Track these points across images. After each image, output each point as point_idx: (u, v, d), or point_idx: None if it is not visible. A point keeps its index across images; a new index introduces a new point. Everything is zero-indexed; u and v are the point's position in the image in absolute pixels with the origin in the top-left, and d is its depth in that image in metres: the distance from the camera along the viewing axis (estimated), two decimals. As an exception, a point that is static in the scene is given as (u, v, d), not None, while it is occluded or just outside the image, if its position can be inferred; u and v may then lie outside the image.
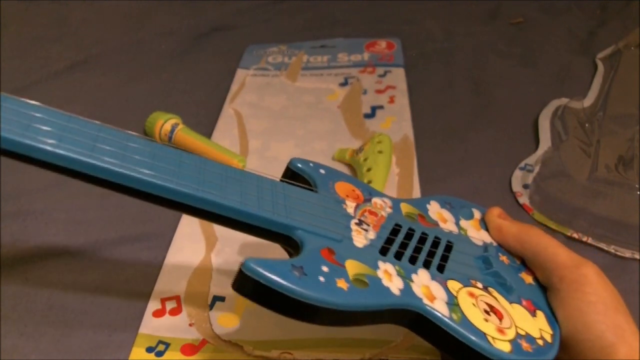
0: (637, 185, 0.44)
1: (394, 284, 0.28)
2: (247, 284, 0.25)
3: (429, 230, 0.33)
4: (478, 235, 0.34)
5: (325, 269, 0.26)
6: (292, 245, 0.29)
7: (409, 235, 0.32)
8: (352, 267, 0.27)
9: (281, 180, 0.33)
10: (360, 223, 0.31)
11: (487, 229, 0.35)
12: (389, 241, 0.31)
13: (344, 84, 0.66)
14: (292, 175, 0.34)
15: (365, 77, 0.66)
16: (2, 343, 0.39)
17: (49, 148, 0.26)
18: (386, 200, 0.34)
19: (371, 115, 0.60)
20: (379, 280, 0.28)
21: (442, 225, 0.34)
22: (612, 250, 0.44)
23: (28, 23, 0.88)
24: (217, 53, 0.76)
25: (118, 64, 0.75)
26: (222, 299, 0.41)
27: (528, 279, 0.32)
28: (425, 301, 0.28)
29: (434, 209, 0.35)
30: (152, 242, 0.47)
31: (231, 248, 0.45)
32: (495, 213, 0.35)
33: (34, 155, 0.26)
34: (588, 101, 0.57)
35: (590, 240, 0.44)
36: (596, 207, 0.44)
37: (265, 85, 0.67)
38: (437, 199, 0.36)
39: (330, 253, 0.28)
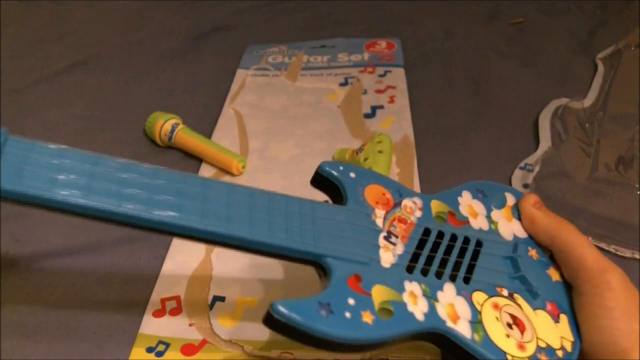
0: (637, 185, 0.44)
1: (419, 308, 0.28)
2: (276, 324, 0.26)
3: (459, 230, 0.33)
4: (509, 228, 0.34)
5: (351, 301, 0.27)
6: (321, 269, 0.29)
7: (437, 245, 0.32)
8: (379, 294, 0.28)
9: (311, 184, 0.33)
10: (388, 236, 0.31)
11: (519, 217, 0.35)
12: (416, 255, 0.31)
13: (344, 84, 0.66)
14: (322, 180, 0.33)
15: (365, 77, 0.66)
16: (2, 343, 0.39)
17: (79, 201, 0.27)
18: (416, 200, 0.33)
19: (371, 115, 0.60)
20: (404, 305, 0.28)
21: (472, 221, 0.34)
22: (613, 250, 0.44)
23: (28, 23, 0.88)
24: (217, 53, 0.76)
25: (118, 64, 0.75)
26: (222, 299, 0.41)
27: (555, 275, 0.32)
28: (449, 323, 0.28)
29: (466, 202, 0.34)
30: (153, 242, 0.47)
31: (231, 248, 0.45)
32: (530, 202, 0.34)
33: (63, 208, 0.28)
34: (588, 101, 0.57)
35: (590, 240, 0.44)
36: (596, 207, 0.44)
37: (265, 85, 0.67)
38: (469, 187, 0.35)
39: (357, 280, 0.28)
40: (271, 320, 0.26)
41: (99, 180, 0.28)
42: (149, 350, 0.37)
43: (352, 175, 0.33)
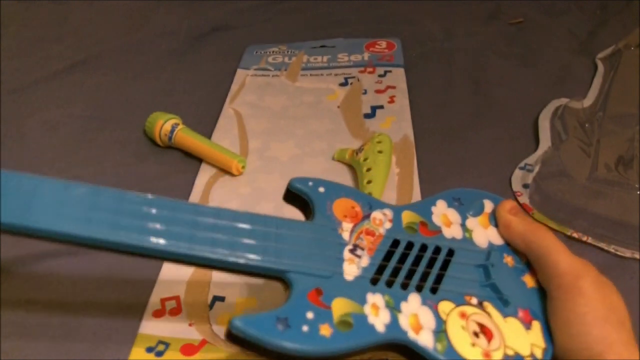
0: (637, 185, 0.44)
1: (380, 319, 0.29)
2: (237, 339, 0.27)
3: (430, 240, 0.33)
4: (484, 235, 0.34)
5: (310, 315, 0.28)
6: (285, 283, 0.30)
7: (405, 256, 0.32)
8: (339, 307, 0.28)
9: (283, 200, 0.34)
10: (354, 249, 0.31)
11: (496, 224, 0.35)
12: (382, 267, 0.31)
13: (344, 84, 0.66)
14: (293, 196, 0.34)
15: (365, 77, 0.66)
16: (2, 343, 0.39)
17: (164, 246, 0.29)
18: (387, 212, 0.34)
19: (371, 115, 0.60)
20: (365, 317, 0.28)
21: (445, 230, 0.34)
22: (612, 250, 0.44)
23: (28, 23, 0.88)
24: (217, 53, 0.76)
25: (118, 64, 0.75)
26: (222, 299, 0.41)
27: (531, 282, 0.32)
28: (411, 334, 0.28)
29: (440, 211, 0.35)
30: (152, 242, 0.47)
31: (231, 248, 0.45)
32: (506, 207, 0.34)
33: (161, 256, 0.30)
34: (588, 101, 0.57)
35: (590, 240, 0.44)
36: (596, 207, 0.44)
37: (265, 85, 0.67)
38: (445, 196, 0.36)
39: (317, 294, 0.29)
40: (231, 336, 0.27)
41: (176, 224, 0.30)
42: (149, 350, 0.37)
43: (321, 190, 0.34)
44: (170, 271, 0.43)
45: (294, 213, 0.48)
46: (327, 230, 0.32)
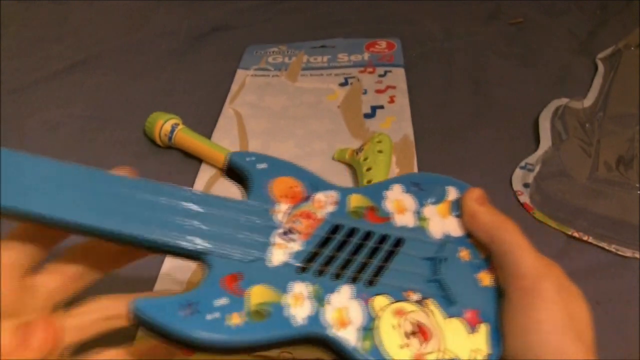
0: (637, 185, 0.44)
1: (302, 311, 0.26)
2: (140, 322, 0.25)
3: (376, 227, 0.30)
4: (440, 226, 0.31)
5: (221, 301, 0.25)
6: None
7: (344, 242, 0.29)
8: (256, 295, 0.26)
9: (225, 176, 0.32)
10: (286, 233, 0.29)
11: (458, 214, 0.32)
12: (315, 254, 0.29)
13: (344, 84, 0.66)
14: (233, 172, 0.32)
15: (366, 77, 0.66)
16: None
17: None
18: (332, 193, 0.31)
19: (371, 115, 0.60)
20: (283, 308, 0.26)
21: (396, 218, 0.31)
22: (613, 250, 0.44)
23: (28, 23, 0.87)
24: (217, 53, 0.76)
25: (118, 64, 0.75)
26: (222, 298, 0.41)
27: (486, 280, 0.29)
28: (333, 329, 0.26)
29: (394, 196, 0.32)
30: (152, 242, 0.47)
31: (231, 248, 0.45)
32: (473, 196, 0.31)
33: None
34: (588, 101, 0.57)
35: (590, 240, 0.44)
36: (597, 207, 0.44)
37: (265, 85, 0.67)
38: (403, 180, 0.33)
39: (234, 280, 0.26)
40: (134, 318, 0.25)
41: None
42: (149, 350, 0.37)
43: (262, 166, 0.32)
44: (170, 271, 0.43)
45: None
46: (259, 210, 0.29)
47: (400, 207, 0.31)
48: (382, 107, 0.61)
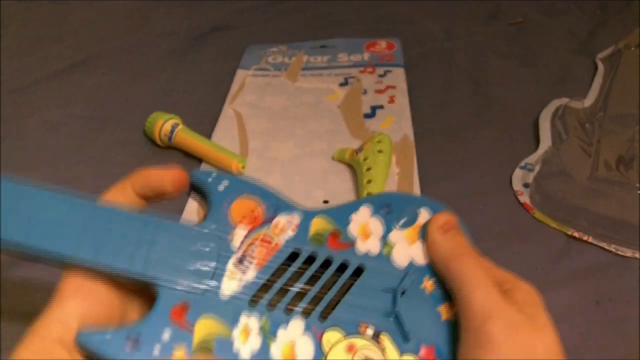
0: (637, 185, 0.44)
1: (248, 346, 0.25)
2: (88, 353, 0.24)
3: (337, 254, 0.29)
4: (406, 253, 0.29)
5: (167, 335, 0.25)
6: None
7: (301, 271, 0.28)
8: (203, 328, 0.25)
9: (188, 194, 0.31)
10: (241, 260, 0.28)
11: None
12: (269, 284, 0.27)
13: (344, 84, 0.66)
14: (195, 189, 0.30)
15: (365, 77, 0.66)
16: (3, 344, 0.39)
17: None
18: (294, 217, 0.30)
19: (371, 115, 0.60)
20: (230, 343, 0.25)
21: (359, 244, 0.29)
22: (613, 250, 0.44)
23: (28, 23, 0.87)
24: (217, 53, 0.76)
25: (118, 64, 0.75)
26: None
27: (447, 313, 0.28)
28: None
29: (360, 219, 0.30)
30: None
31: (231, 248, 0.45)
32: (438, 222, 0.29)
33: None
34: (588, 101, 0.57)
35: (591, 240, 0.44)
36: (597, 207, 0.44)
37: (265, 85, 0.67)
38: (373, 200, 0.31)
39: (182, 311, 0.26)
40: (81, 348, 0.24)
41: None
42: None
43: (223, 185, 0.30)
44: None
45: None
46: (214, 235, 0.28)
47: (366, 232, 0.30)
48: (382, 107, 0.61)
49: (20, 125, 0.63)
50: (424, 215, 0.30)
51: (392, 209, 0.30)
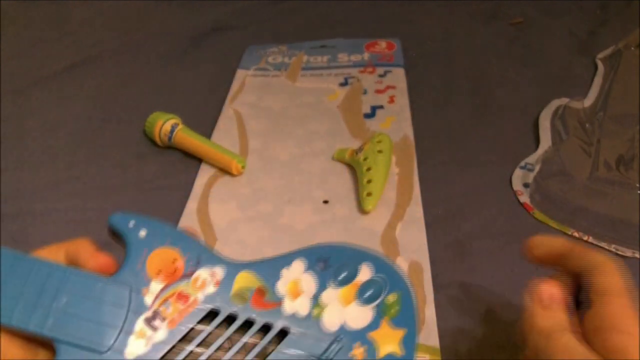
0: (637, 185, 0.44)
1: None
2: None
3: (260, 315, 0.26)
4: (338, 315, 0.27)
5: None
6: None
7: (217, 335, 0.26)
8: None
9: (109, 236, 0.29)
10: (152, 318, 0.25)
11: (368, 299, 0.27)
12: (179, 347, 0.25)
13: (344, 84, 0.66)
14: (115, 233, 0.29)
15: (365, 77, 0.66)
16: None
17: None
18: (217, 271, 0.27)
19: (371, 115, 0.60)
20: None
21: (287, 303, 0.27)
22: (613, 250, 0.44)
23: (28, 23, 0.87)
24: (217, 53, 0.76)
25: (118, 64, 0.75)
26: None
27: None
28: None
29: (292, 275, 0.28)
30: (152, 242, 0.47)
31: (231, 248, 0.45)
32: (541, 295, 0.27)
33: None
34: (588, 101, 0.57)
35: (591, 240, 0.44)
36: (597, 207, 0.44)
37: (265, 85, 0.67)
38: (309, 254, 0.28)
39: None
40: None
41: None
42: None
43: (142, 233, 0.28)
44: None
45: (293, 218, 0.48)
46: (126, 290, 0.26)
47: (296, 290, 0.27)
48: (382, 107, 0.61)
49: (20, 125, 0.63)
50: (364, 272, 0.28)
51: (330, 264, 0.28)
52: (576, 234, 0.45)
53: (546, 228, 0.46)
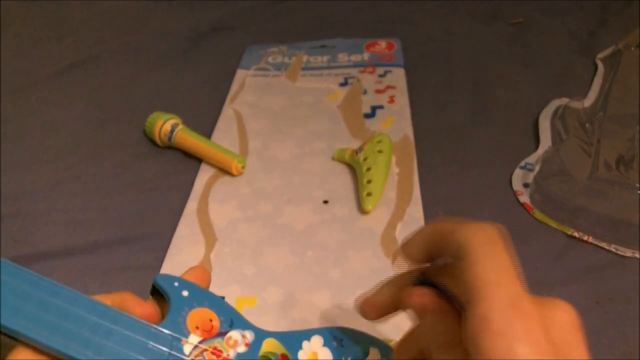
0: (637, 185, 0.44)
1: None
2: None
3: None
4: None
5: None
6: None
7: None
8: None
9: (150, 294, 0.31)
10: None
11: None
12: None
13: (344, 84, 0.66)
14: (157, 291, 0.31)
15: (365, 77, 0.66)
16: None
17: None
18: (248, 334, 0.30)
19: (371, 115, 0.60)
20: None
21: None
22: (613, 250, 0.44)
23: (28, 23, 0.88)
24: (217, 53, 0.76)
25: (118, 64, 0.75)
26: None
27: None
28: None
29: (310, 348, 0.31)
30: (152, 243, 0.47)
31: (230, 248, 0.45)
32: None
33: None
34: (588, 101, 0.57)
35: (590, 240, 0.44)
36: (597, 207, 0.44)
37: (265, 85, 0.67)
38: (325, 332, 0.32)
39: None
40: None
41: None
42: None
43: (185, 293, 0.30)
44: (170, 271, 0.43)
45: (293, 218, 0.48)
46: (169, 338, 0.28)
47: None
48: (382, 107, 0.61)
49: (20, 125, 0.63)
50: (373, 354, 0.31)
51: (343, 344, 0.31)
52: (576, 234, 0.45)
53: (546, 228, 0.46)
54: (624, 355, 0.37)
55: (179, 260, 0.44)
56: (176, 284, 0.30)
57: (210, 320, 0.30)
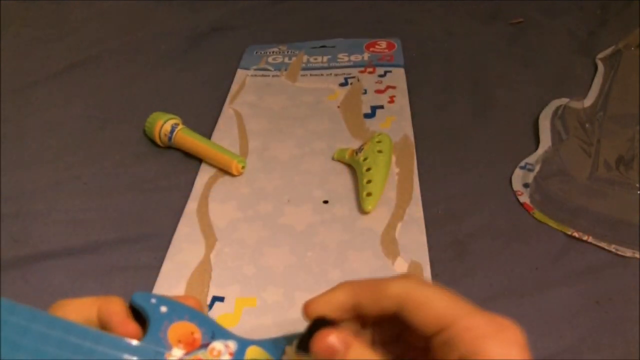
0: (637, 185, 0.44)
1: None
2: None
3: None
4: None
5: None
6: None
7: None
8: None
9: (132, 314, 0.31)
10: None
11: None
12: None
13: (344, 84, 0.66)
14: (135, 310, 0.31)
15: (366, 77, 0.66)
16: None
17: None
18: (230, 344, 0.31)
19: (371, 115, 0.60)
20: None
21: None
22: (613, 250, 0.44)
23: (28, 23, 0.88)
24: (217, 53, 0.76)
25: (118, 64, 0.75)
26: (221, 299, 0.41)
27: None
28: None
29: (293, 352, 0.31)
30: (152, 243, 0.47)
31: (231, 248, 0.45)
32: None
33: None
34: (588, 101, 0.57)
35: (590, 239, 0.44)
36: (597, 206, 0.44)
37: (265, 85, 0.67)
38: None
39: None
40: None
41: None
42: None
43: (163, 309, 0.31)
44: (169, 271, 0.43)
45: (293, 218, 0.48)
46: (151, 353, 0.29)
47: None
48: (382, 107, 0.61)
49: (20, 125, 0.63)
50: None
51: None
52: (576, 234, 0.45)
53: (546, 228, 0.46)
54: (624, 355, 0.37)
55: (179, 260, 0.44)
56: (153, 300, 0.30)
57: (192, 333, 0.30)
